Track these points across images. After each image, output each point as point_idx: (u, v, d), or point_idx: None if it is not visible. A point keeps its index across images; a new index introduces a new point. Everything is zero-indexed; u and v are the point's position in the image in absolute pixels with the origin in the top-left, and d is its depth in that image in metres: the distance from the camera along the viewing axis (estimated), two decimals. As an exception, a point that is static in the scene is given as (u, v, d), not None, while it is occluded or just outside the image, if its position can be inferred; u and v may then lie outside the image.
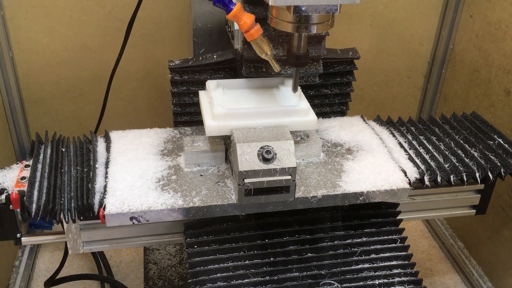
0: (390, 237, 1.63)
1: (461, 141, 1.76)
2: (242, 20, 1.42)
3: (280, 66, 1.55)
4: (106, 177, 1.50)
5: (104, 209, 1.39)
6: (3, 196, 1.42)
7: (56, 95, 2.33)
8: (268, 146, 1.41)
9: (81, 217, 1.41)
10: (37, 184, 1.46)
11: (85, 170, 1.53)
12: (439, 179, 1.60)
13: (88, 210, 1.40)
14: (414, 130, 1.83)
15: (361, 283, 1.55)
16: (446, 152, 1.70)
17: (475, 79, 2.34)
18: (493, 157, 1.68)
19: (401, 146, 1.72)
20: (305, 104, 1.54)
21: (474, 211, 1.83)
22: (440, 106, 2.64)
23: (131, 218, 1.40)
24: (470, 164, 1.65)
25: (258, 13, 1.50)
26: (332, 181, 1.53)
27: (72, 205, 1.40)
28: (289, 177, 1.40)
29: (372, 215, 1.63)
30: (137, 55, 2.30)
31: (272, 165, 1.39)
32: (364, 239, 1.61)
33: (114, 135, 1.71)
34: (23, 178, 1.47)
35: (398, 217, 1.67)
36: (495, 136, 1.78)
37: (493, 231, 2.30)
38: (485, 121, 1.87)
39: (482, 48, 2.27)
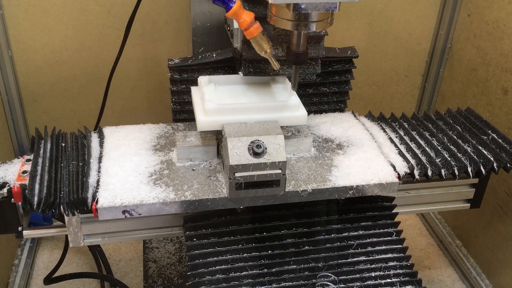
0: (386, 230, 1.64)
1: (455, 137, 1.78)
2: (242, 18, 1.42)
3: (279, 66, 1.56)
4: (99, 172, 1.52)
5: (96, 202, 1.40)
6: (5, 190, 1.43)
7: (55, 94, 2.34)
8: (258, 140, 1.43)
9: (74, 211, 1.43)
10: (38, 177, 1.47)
11: (80, 164, 1.55)
12: (429, 173, 1.62)
13: (82, 204, 1.42)
14: (406, 125, 1.85)
15: (358, 275, 1.57)
16: (439, 147, 1.72)
17: (473, 78, 2.35)
18: (486, 152, 1.70)
19: (392, 141, 1.74)
20: (295, 99, 1.56)
21: (469, 205, 1.85)
22: (438, 105, 2.65)
23: (124, 212, 1.42)
24: (462, 158, 1.67)
25: (257, 12, 1.51)
26: (322, 175, 1.55)
27: (70, 198, 1.42)
28: (279, 171, 1.42)
29: (368, 209, 1.65)
30: (136, 54, 2.31)
31: (263, 159, 1.41)
32: (360, 232, 1.63)
33: (107, 130, 1.73)
34: (24, 172, 1.49)
35: (393, 211, 1.69)
36: (489, 131, 1.80)
37: (490, 229, 2.31)
38: (480, 116, 1.88)
39: (480, 47, 2.28)
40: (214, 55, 1.71)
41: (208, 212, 1.54)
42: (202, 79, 1.63)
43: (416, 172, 1.61)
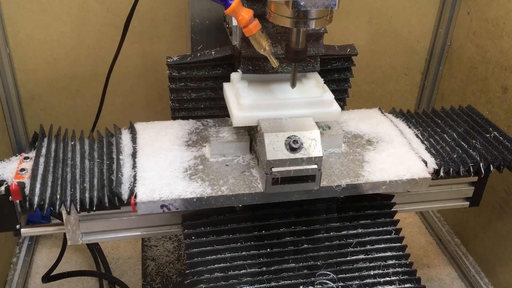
0: (385, 228, 1.64)
1: (463, 133, 1.78)
2: (241, 15, 1.41)
3: (279, 63, 1.55)
4: (134, 167, 1.52)
5: (135, 197, 1.41)
6: (3, 188, 1.42)
7: (54, 92, 2.33)
8: (295, 136, 1.42)
9: (94, 208, 1.43)
10: (39, 177, 1.46)
11: (107, 162, 1.54)
12: (451, 170, 1.62)
13: (115, 199, 1.42)
14: (421, 122, 1.86)
15: (356, 273, 1.57)
16: (453, 144, 1.73)
17: (472, 76, 2.34)
18: (492, 149, 1.70)
19: (418, 137, 1.75)
20: (329, 95, 1.56)
21: (468, 203, 1.85)
22: (438, 103, 2.64)
23: (162, 206, 1.42)
24: (474, 155, 1.67)
25: (256, 9, 1.50)
26: (355, 171, 1.55)
27: (86, 195, 1.42)
28: (315, 166, 1.43)
29: (367, 207, 1.65)
30: (135, 52, 2.30)
31: (299, 154, 1.41)
32: (360, 230, 1.63)
33: (138, 126, 1.73)
34: (22, 170, 1.48)
35: (392, 209, 1.69)
36: (491, 129, 1.80)
37: (489, 227, 2.31)
38: (481, 114, 1.88)
39: (479, 45, 2.28)
40: (213, 52, 1.70)
41: (207, 210, 1.53)
42: (235, 75, 1.63)
43: (441, 169, 1.61)
